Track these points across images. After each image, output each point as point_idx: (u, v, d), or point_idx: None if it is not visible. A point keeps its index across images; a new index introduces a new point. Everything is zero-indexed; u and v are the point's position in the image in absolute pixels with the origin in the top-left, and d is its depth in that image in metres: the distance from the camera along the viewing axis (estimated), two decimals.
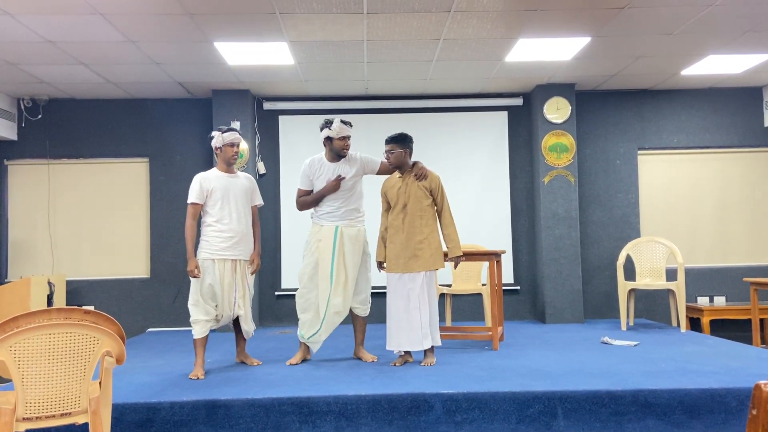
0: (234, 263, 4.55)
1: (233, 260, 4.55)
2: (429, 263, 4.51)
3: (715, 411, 3.62)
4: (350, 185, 4.71)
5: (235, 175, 4.67)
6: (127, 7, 4.62)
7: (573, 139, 7.02)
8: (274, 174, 7.27)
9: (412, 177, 4.59)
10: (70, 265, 7.14)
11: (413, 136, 4.74)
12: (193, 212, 4.52)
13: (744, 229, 7.36)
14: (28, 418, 2.74)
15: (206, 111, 7.20)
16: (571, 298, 6.93)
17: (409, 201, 4.55)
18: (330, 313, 4.61)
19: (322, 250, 4.65)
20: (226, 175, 4.62)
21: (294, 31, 5.19)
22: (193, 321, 4.48)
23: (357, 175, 4.75)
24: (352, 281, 4.67)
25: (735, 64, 6.35)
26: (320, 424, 3.61)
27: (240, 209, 4.60)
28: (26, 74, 6.20)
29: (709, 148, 7.38)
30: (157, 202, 7.20)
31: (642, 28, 5.30)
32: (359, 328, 4.87)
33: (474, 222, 7.20)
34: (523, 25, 5.20)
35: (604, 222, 7.28)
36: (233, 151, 4.59)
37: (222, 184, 4.56)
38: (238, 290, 4.56)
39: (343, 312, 4.67)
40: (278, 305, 7.13)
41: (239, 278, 4.57)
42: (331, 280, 4.60)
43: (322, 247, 4.66)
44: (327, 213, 4.71)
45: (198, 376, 4.31)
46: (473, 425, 3.62)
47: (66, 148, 7.17)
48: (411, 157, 4.67)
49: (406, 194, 4.56)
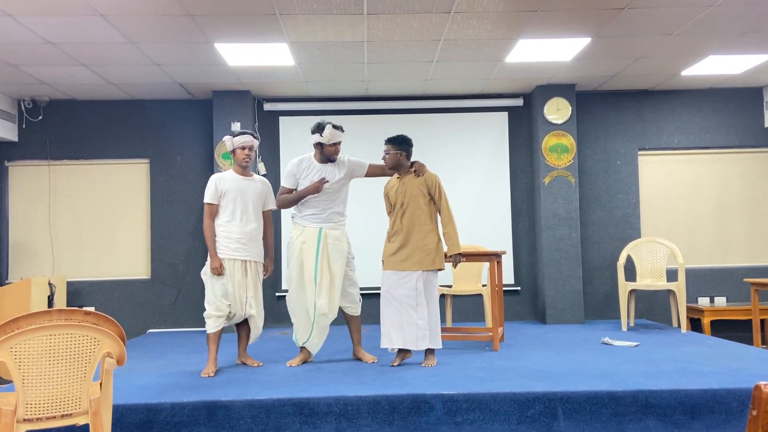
0: (244, 264, 4.61)
1: (243, 261, 4.60)
2: (426, 263, 4.50)
3: (715, 411, 3.62)
4: (337, 188, 4.72)
5: (251, 178, 4.72)
6: (127, 8, 4.63)
7: (573, 140, 7.02)
8: (275, 174, 7.26)
9: (409, 177, 4.60)
10: (70, 266, 7.14)
11: (414, 137, 4.75)
12: (209, 212, 4.60)
13: (744, 229, 7.36)
14: (28, 419, 2.74)
15: (207, 112, 7.20)
16: (572, 299, 6.92)
17: (407, 200, 4.56)
18: (318, 315, 4.62)
19: (306, 252, 4.65)
20: (241, 177, 4.68)
21: (294, 32, 5.20)
22: (206, 316, 4.58)
23: (345, 178, 4.76)
24: (338, 282, 4.66)
25: (735, 64, 6.35)
26: (321, 425, 3.61)
27: (251, 212, 4.65)
28: (27, 75, 6.20)
29: (710, 149, 7.38)
30: (157, 203, 7.20)
31: (642, 28, 5.30)
32: (354, 328, 4.88)
33: (474, 223, 7.20)
34: (523, 26, 5.20)
35: (605, 222, 7.28)
36: (245, 154, 4.65)
37: (236, 186, 4.62)
38: (249, 290, 4.61)
39: (329, 313, 4.65)
40: (278, 306, 7.13)
41: (250, 279, 4.63)
42: (315, 282, 4.60)
43: (306, 249, 4.66)
44: (311, 215, 4.71)
45: (209, 373, 4.39)
46: (474, 426, 3.61)
47: (66, 149, 7.18)
48: (409, 160, 4.68)
49: (403, 194, 4.58)
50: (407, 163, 4.66)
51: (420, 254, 4.50)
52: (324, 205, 4.70)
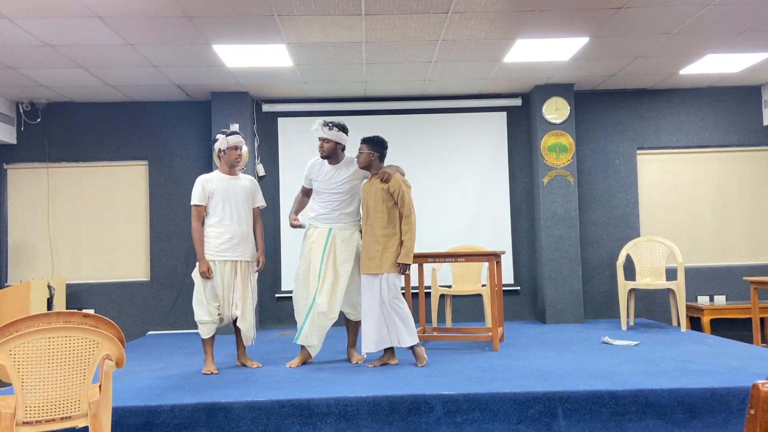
0: (234, 264, 4.61)
1: (233, 261, 4.60)
2: (384, 266, 4.50)
3: (715, 410, 3.62)
4: (346, 189, 4.73)
5: (237, 177, 4.72)
6: (125, 9, 4.63)
7: (572, 139, 7.02)
8: (274, 176, 7.27)
9: (376, 179, 4.61)
10: (69, 268, 7.14)
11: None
12: (197, 214, 4.59)
13: (744, 228, 7.36)
14: (28, 422, 2.74)
15: (205, 113, 7.20)
16: (571, 298, 6.92)
17: (370, 203, 4.58)
18: (315, 311, 4.60)
19: (314, 252, 4.69)
20: (228, 177, 4.67)
21: (292, 33, 5.20)
22: (198, 321, 4.59)
23: (355, 179, 4.76)
24: (343, 284, 4.66)
25: (733, 63, 6.36)
26: (321, 426, 3.61)
27: (241, 211, 4.65)
28: (25, 78, 6.20)
29: (708, 148, 7.38)
30: (156, 205, 7.20)
31: (640, 27, 5.30)
32: (352, 331, 4.92)
33: (474, 223, 7.21)
34: (521, 26, 5.20)
35: (604, 222, 7.28)
36: (237, 154, 4.66)
37: (223, 186, 4.62)
38: (236, 291, 4.60)
39: (328, 313, 4.62)
40: (278, 307, 7.13)
41: (239, 279, 4.61)
42: (319, 279, 4.62)
43: (315, 248, 4.70)
44: (322, 215, 4.74)
45: (211, 371, 4.45)
46: (474, 426, 3.61)
47: (65, 151, 7.17)
48: (383, 162, 4.67)
49: (369, 196, 4.60)
50: (379, 164, 4.66)
51: (381, 257, 4.50)
52: (334, 206, 4.72)
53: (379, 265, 4.50)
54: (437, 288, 6.33)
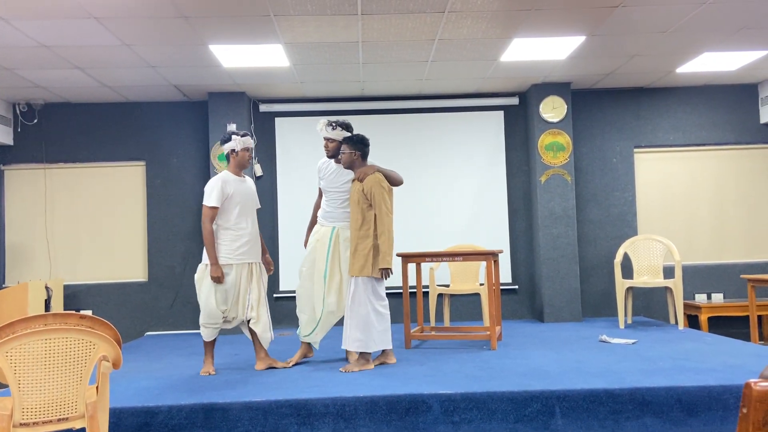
0: (250, 266, 4.62)
1: (249, 263, 4.61)
2: (353, 269, 4.47)
3: (712, 408, 3.63)
4: (348, 188, 4.73)
5: (244, 179, 4.73)
6: (121, 10, 4.62)
7: (569, 138, 7.02)
8: (271, 176, 7.27)
9: (356, 180, 4.61)
10: (67, 269, 7.13)
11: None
12: (212, 215, 4.49)
13: (741, 226, 7.37)
14: (25, 423, 2.74)
15: (202, 114, 7.20)
16: (569, 297, 6.93)
17: (351, 203, 4.59)
18: (325, 312, 4.67)
19: (318, 250, 4.72)
20: (239, 179, 4.67)
21: (289, 33, 5.19)
22: (203, 325, 4.55)
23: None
24: (347, 282, 4.68)
25: (730, 61, 6.36)
26: (318, 426, 3.61)
27: (250, 213, 4.67)
28: (21, 79, 6.19)
29: (706, 146, 7.39)
30: (153, 206, 7.19)
31: (636, 26, 5.30)
32: None
33: (471, 222, 7.21)
34: (517, 25, 5.20)
35: (602, 220, 7.29)
36: (249, 156, 4.66)
37: (238, 188, 4.60)
38: (252, 292, 4.60)
39: (337, 312, 4.71)
40: (277, 307, 7.13)
41: (255, 281, 4.63)
42: (325, 280, 4.65)
43: (319, 246, 4.73)
44: (327, 213, 4.78)
45: (210, 372, 4.45)
46: (471, 425, 3.62)
47: (62, 152, 7.17)
48: (365, 161, 4.65)
49: (351, 196, 4.61)
50: (362, 163, 4.63)
51: (354, 260, 4.48)
52: (337, 204, 4.74)
53: (350, 268, 4.50)
54: (435, 287, 6.33)
